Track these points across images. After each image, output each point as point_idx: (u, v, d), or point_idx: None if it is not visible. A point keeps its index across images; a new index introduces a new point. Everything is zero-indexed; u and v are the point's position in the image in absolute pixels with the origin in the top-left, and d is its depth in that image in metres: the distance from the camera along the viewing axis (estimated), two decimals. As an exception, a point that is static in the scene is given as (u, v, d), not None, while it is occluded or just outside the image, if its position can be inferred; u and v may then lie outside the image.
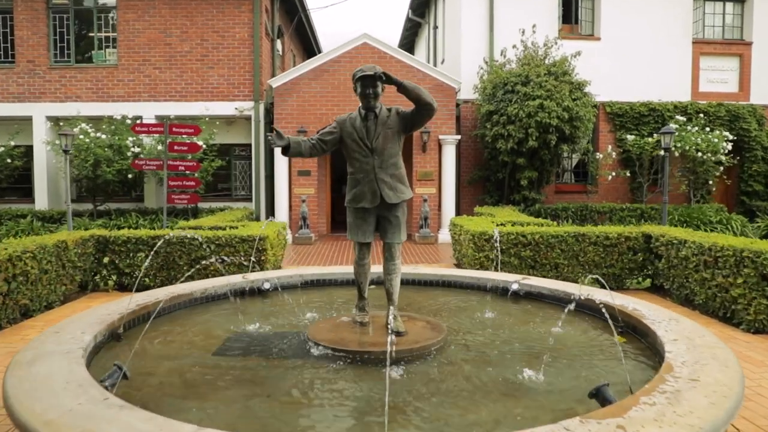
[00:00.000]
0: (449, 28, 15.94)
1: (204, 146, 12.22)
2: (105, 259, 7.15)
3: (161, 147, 11.73)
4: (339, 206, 15.65)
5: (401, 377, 3.07)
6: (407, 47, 22.88)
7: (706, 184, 13.90)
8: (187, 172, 10.71)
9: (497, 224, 7.94)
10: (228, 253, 6.94)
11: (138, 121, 13.11)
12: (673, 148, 12.69)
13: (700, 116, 14.06)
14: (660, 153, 12.60)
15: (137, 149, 12.08)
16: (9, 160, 13.15)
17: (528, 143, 11.80)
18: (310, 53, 21.63)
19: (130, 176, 12.34)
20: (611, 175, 13.93)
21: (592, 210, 13.20)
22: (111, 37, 14.04)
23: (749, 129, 14.44)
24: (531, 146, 11.85)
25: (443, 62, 16.80)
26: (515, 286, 4.90)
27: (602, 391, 2.45)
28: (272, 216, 13.04)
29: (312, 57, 14.77)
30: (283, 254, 8.79)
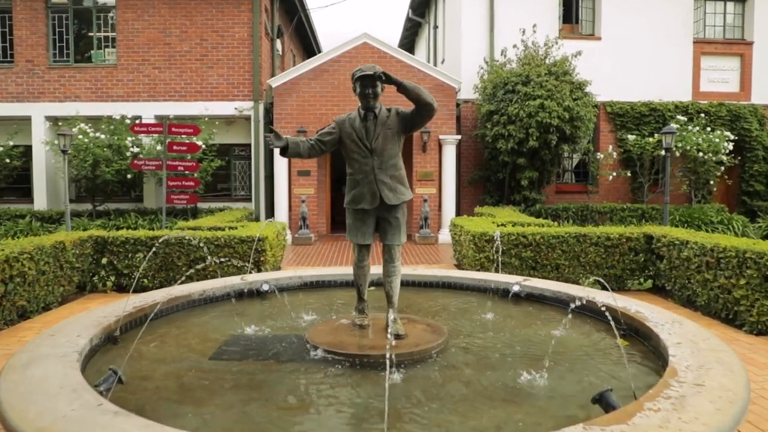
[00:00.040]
0: (449, 28, 15.90)
1: (203, 146, 12.18)
2: (103, 260, 7.11)
3: (160, 147, 11.70)
4: (339, 206, 15.56)
5: (401, 382, 3.03)
6: (407, 47, 22.83)
7: (707, 184, 13.86)
8: (187, 173, 10.67)
9: (498, 225, 7.89)
10: (227, 254, 6.90)
11: (137, 121, 13.07)
12: (674, 148, 12.65)
13: (701, 116, 14.02)
14: (661, 153, 12.56)
15: (136, 149, 12.05)
16: (8, 160, 13.12)
17: (528, 143, 11.76)
18: (310, 53, 21.58)
19: (129, 176, 12.31)
20: (612, 175, 13.89)
21: (593, 210, 13.16)
22: (110, 37, 14.00)
23: (750, 129, 14.40)
24: (531, 146, 11.81)
25: (443, 62, 16.76)
26: (516, 288, 4.86)
27: (606, 397, 2.40)
28: (272, 217, 13.00)
29: (312, 57, 14.72)
30: (283, 255, 8.75)
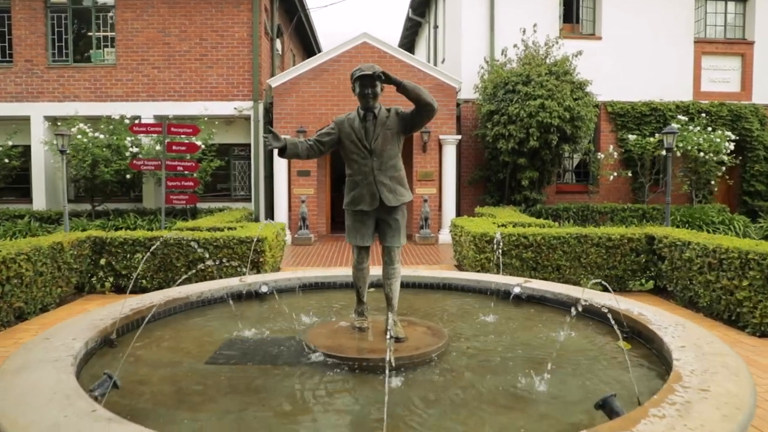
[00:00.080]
0: (450, 28, 15.85)
1: (203, 146, 12.14)
2: (102, 261, 7.06)
3: (160, 147, 11.66)
4: (339, 207, 15.48)
5: (401, 386, 2.98)
6: (407, 47, 22.79)
7: (708, 185, 13.82)
8: (186, 173, 10.63)
9: (498, 225, 7.84)
10: (226, 255, 6.85)
11: (136, 121, 13.03)
12: (675, 148, 12.60)
13: (702, 116, 13.98)
14: (662, 153, 12.52)
15: (135, 149, 12.01)
16: (7, 160, 13.07)
17: (529, 143, 11.71)
18: (310, 53, 21.52)
19: (129, 176, 12.26)
20: (613, 176, 13.84)
21: (594, 210, 13.11)
22: (109, 37, 13.96)
23: (751, 129, 14.35)
24: (532, 146, 11.76)
25: (443, 62, 16.71)
26: (517, 290, 4.82)
27: (609, 402, 2.36)
28: (272, 217, 12.96)
29: (311, 56, 14.67)
30: (282, 255, 8.71)
